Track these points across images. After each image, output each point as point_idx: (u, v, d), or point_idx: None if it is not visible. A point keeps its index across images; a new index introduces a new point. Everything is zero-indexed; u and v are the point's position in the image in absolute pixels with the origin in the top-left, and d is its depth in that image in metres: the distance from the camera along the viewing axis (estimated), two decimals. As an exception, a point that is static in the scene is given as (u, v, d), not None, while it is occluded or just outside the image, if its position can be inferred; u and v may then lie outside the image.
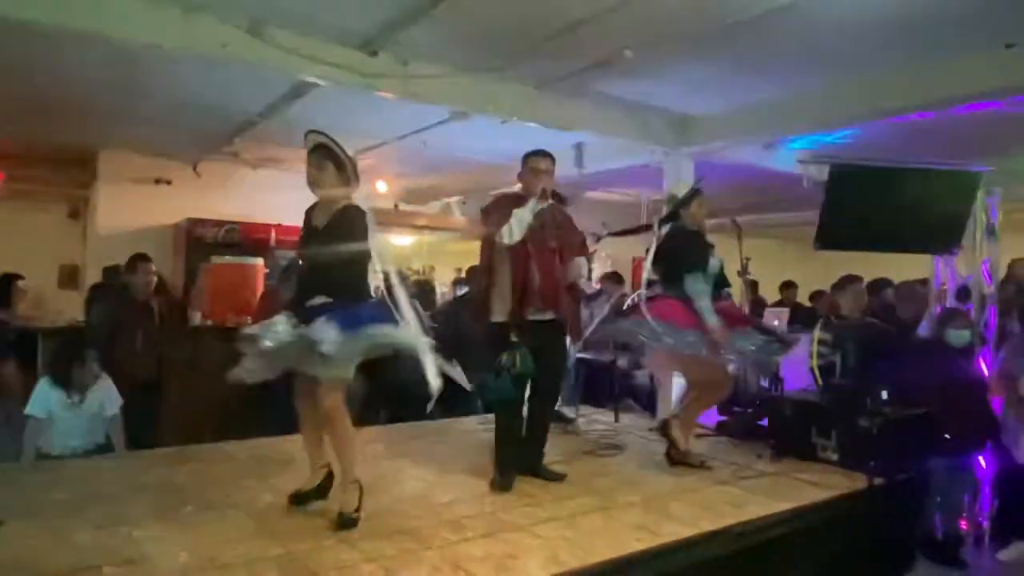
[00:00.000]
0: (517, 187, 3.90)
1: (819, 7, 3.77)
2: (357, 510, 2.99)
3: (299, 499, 3.18)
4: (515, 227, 3.57)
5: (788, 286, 8.76)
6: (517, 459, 3.70)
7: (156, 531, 2.86)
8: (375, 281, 3.14)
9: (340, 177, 3.13)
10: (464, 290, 7.47)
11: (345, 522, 2.92)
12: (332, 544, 2.77)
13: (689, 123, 5.99)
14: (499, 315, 3.65)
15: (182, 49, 4.00)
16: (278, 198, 7.86)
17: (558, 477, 3.79)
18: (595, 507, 3.37)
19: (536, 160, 3.79)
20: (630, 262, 9.19)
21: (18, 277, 5.79)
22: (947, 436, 4.18)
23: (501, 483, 3.58)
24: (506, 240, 3.57)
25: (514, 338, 3.56)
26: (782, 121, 5.42)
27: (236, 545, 2.72)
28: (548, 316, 3.69)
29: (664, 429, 4.16)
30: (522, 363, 3.53)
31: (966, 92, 4.33)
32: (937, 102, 4.51)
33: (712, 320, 3.85)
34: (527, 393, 3.73)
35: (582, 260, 3.81)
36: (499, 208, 3.73)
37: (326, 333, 2.75)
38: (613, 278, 7.21)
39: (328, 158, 3.11)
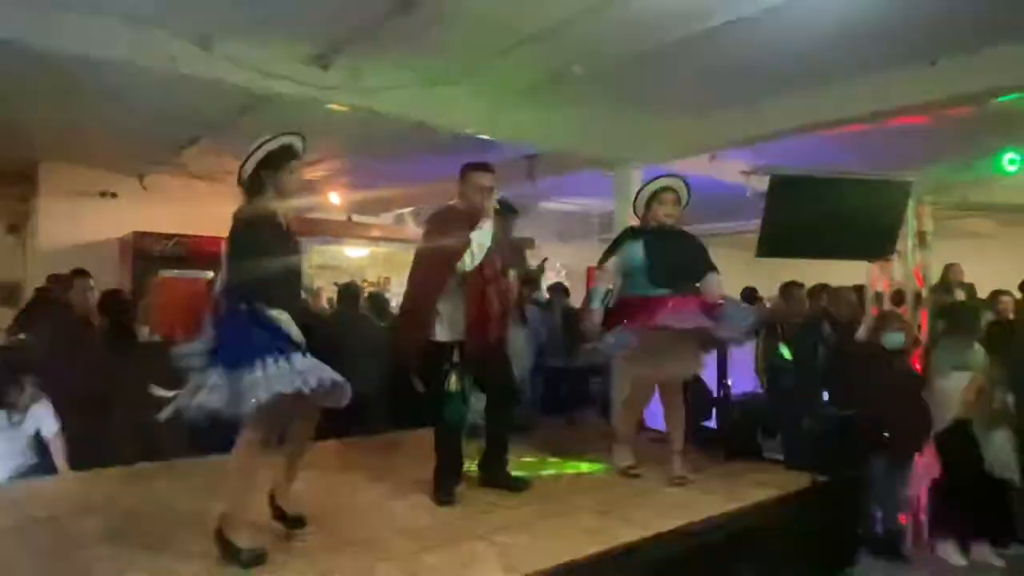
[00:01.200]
0: (455, 200, 3.76)
1: (757, 28, 3.94)
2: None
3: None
4: (476, 253, 3.51)
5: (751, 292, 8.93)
6: (456, 472, 3.67)
7: (106, 551, 2.80)
8: None
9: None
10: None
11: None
12: (287, 559, 2.75)
13: (637, 135, 6.15)
14: (444, 335, 3.59)
15: (131, 63, 3.94)
16: (227, 211, 7.71)
17: (523, 486, 3.79)
18: (552, 513, 3.42)
19: (481, 176, 3.67)
20: (584, 272, 9.33)
21: None
22: (886, 435, 4.37)
23: (443, 498, 3.55)
24: (468, 267, 3.51)
25: (456, 359, 3.53)
26: (724, 134, 5.61)
27: (190, 564, 2.69)
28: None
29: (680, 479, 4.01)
30: (468, 385, 3.54)
31: (896, 105, 4.57)
32: (868, 115, 4.74)
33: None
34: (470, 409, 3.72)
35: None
36: (446, 224, 3.62)
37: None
38: (559, 288, 7.29)
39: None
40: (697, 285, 3.99)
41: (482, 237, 3.55)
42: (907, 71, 4.45)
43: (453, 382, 3.52)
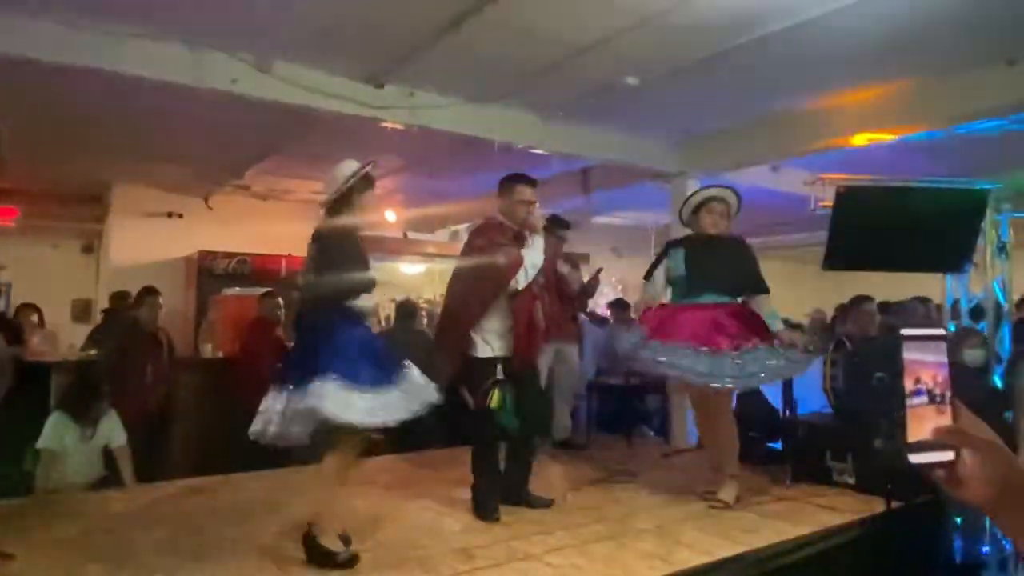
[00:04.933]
0: (495, 215, 3.72)
1: (818, 28, 3.80)
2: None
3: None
4: (530, 272, 3.49)
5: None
6: (496, 488, 3.61)
7: (167, 565, 2.84)
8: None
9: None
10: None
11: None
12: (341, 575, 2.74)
13: (694, 146, 6.02)
14: (486, 351, 3.55)
15: (192, 85, 4.07)
16: (288, 230, 7.92)
17: (546, 504, 3.72)
18: (607, 535, 3.32)
19: (524, 190, 3.63)
20: (640, 287, 9.16)
21: (32, 308, 5.82)
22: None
23: (486, 515, 3.50)
24: (520, 286, 3.49)
25: (500, 376, 3.49)
26: (785, 143, 5.43)
27: (244, 577, 2.70)
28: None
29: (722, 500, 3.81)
30: (510, 400, 3.49)
31: (970, 110, 4.33)
32: (941, 120, 4.51)
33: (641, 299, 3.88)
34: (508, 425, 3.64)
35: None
36: (490, 239, 3.58)
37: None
38: (619, 304, 7.19)
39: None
40: (741, 300, 3.89)
41: (534, 256, 3.53)
42: (983, 72, 4.21)
43: (496, 399, 3.47)
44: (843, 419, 4.53)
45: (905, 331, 0.76)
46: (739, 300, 3.97)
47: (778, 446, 4.89)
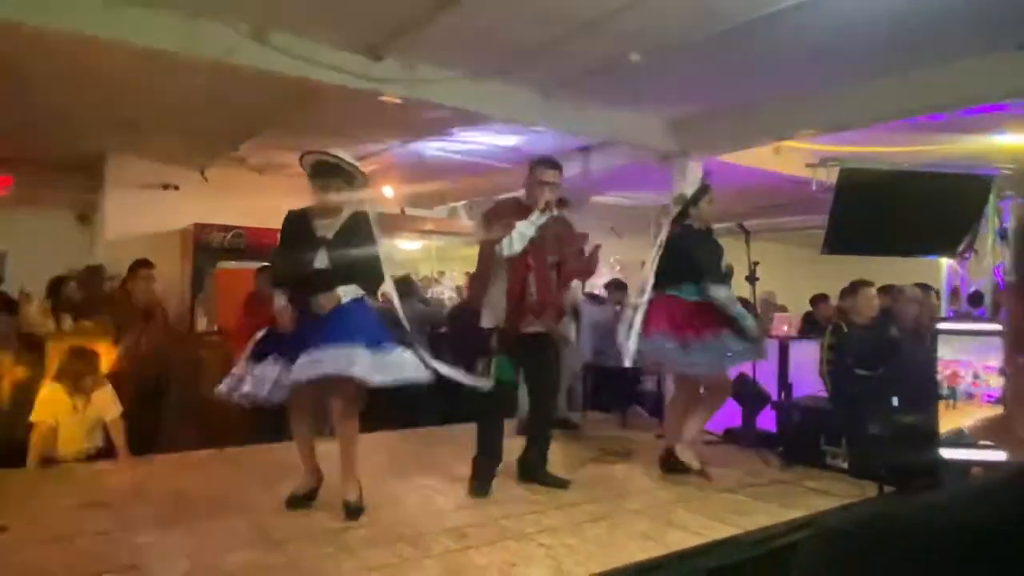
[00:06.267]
0: (520, 193, 3.87)
1: (826, 8, 3.73)
2: (360, 499, 3.16)
3: (297, 502, 3.22)
4: (516, 239, 3.55)
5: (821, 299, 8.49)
6: (491, 464, 3.67)
7: (158, 537, 2.84)
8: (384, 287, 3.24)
9: (353, 186, 3.26)
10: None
11: (355, 510, 3.09)
12: (333, 552, 2.74)
13: (696, 126, 5.95)
14: (487, 322, 3.67)
15: (187, 54, 3.99)
16: (284, 203, 7.83)
17: (563, 484, 3.76)
18: (600, 515, 3.32)
19: (543, 171, 3.73)
20: (639, 266, 9.12)
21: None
22: (959, 443, 4.10)
23: (476, 489, 3.57)
24: (506, 252, 3.56)
25: (494, 345, 3.58)
26: (788, 123, 5.36)
27: (238, 552, 2.70)
28: (538, 328, 3.68)
29: (671, 463, 4.04)
30: (501, 371, 3.56)
31: (975, 94, 4.27)
32: (948, 105, 4.45)
33: (748, 322, 3.90)
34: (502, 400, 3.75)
35: (577, 285, 3.86)
36: (500, 216, 3.70)
37: (360, 359, 2.92)
38: (616, 285, 7.17)
39: (334, 175, 3.20)
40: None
41: (525, 226, 3.59)
42: (992, 56, 4.13)
43: (491, 367, 3.56)
44: (838, 404, 4.53)
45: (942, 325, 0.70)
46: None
47: (772, 429, 4.89)
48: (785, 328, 6.71)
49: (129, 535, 2.86)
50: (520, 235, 3.56)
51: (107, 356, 4.43)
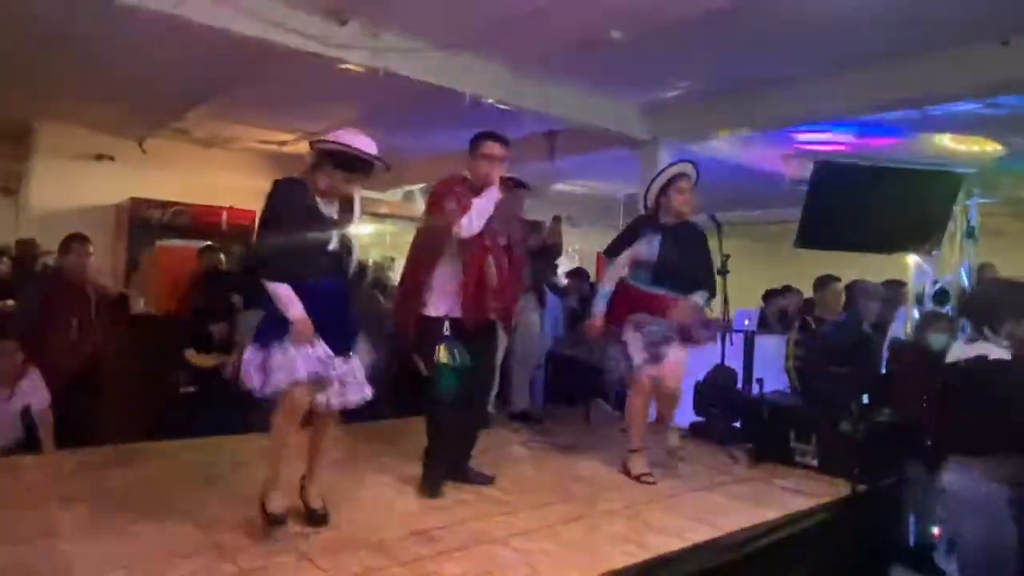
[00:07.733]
0: (464, 173, 3.53)
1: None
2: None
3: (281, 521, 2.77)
4: (475, 218, 3.28)
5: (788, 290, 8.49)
6: (442, 462, 3.43)
7: (87, 545, 2.52)
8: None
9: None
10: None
11: (322, 517, 2.84)
12: (291, 561, 2.48)
13: (666, 113, 5.82)
14: (435, 309, 3.37)
15: (131, 7, 3.60)
16: (230, 179, 7.42)
17: (487, 480, 3.54)
18: (574, 516, 3.15)
19: (490, 145, 3.43)
20: (595, 258, 9.02)
21: None
22: (928, 442, 4.09)
23: (430, 489, 3.32)
24: (464, 233, 3.27)
25: (447, 332, 3.31)
26: (761, 114, 5.28)
27: (181, 563, 2.41)
28: (493, 315, 3.46)
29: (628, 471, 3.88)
30: (461, 357, 3.30)
31: (958, 87, 4.24)
32: (928, 97, 4.42)
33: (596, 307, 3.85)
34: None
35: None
36: (449, 195, 3.37)
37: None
38: (577, 274, 7.05)
39: (367, 174, 2.93)
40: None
41: (485, 203, 3.32)
42: (973, 51, 4.10)
43: (443, 356, 3.28)
44: (807, 400, 4.48)
45: None
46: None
47: (737, 425, 4.82)
48: (746, 322, 6.67)
49: (54, 542, 2.53)
50: (479, 213, 3.29)
51: (34, 341, 4.02)
